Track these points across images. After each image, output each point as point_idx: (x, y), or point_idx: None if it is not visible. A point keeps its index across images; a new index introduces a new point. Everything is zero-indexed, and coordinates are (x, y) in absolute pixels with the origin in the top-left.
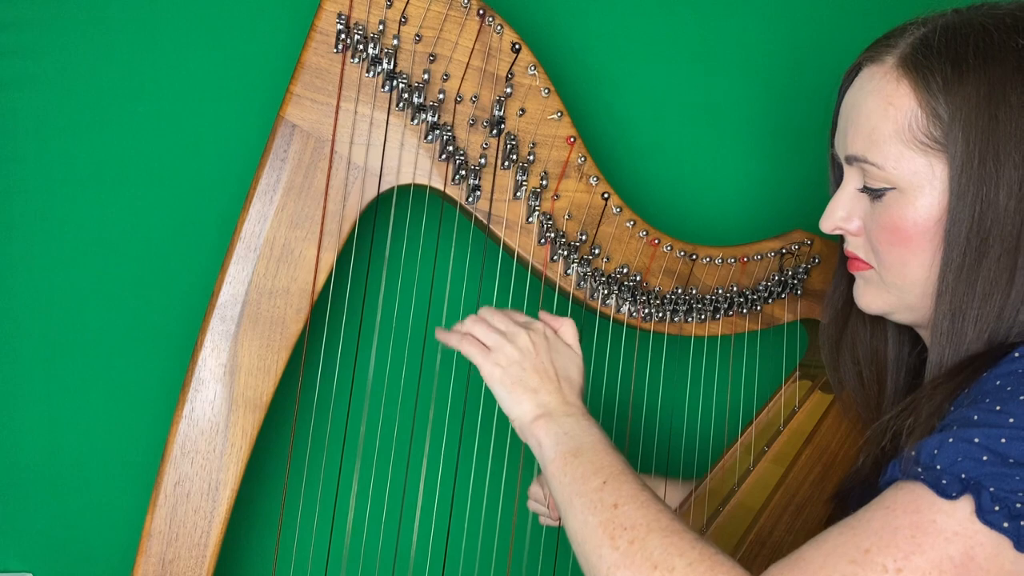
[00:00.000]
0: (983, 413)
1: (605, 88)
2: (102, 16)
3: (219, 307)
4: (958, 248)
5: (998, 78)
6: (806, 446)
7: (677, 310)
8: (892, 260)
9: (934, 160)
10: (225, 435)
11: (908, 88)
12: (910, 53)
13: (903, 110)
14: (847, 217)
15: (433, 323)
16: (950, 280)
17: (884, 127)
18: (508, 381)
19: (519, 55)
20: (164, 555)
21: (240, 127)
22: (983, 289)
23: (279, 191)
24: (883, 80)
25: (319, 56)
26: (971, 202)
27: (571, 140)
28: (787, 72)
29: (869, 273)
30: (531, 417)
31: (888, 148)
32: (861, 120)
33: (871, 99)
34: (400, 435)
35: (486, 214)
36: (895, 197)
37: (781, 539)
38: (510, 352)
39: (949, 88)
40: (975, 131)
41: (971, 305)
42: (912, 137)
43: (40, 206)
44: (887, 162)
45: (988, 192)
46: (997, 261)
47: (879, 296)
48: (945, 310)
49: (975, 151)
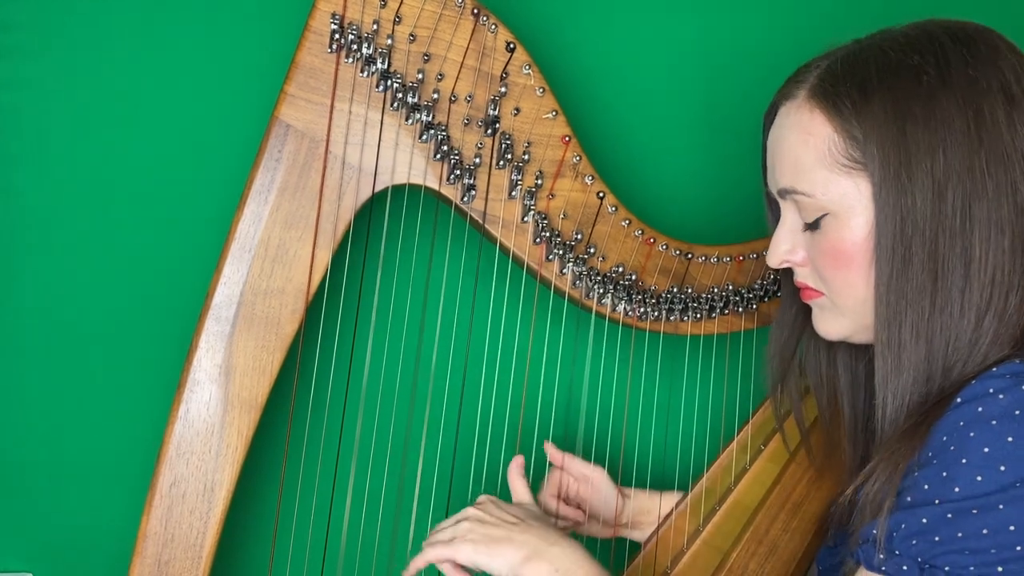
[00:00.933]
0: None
1: (600, 87)
2: (100, 17)
3: (214, 307)
4: (885, 258)
5: (901, 93)
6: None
7: (673, 309)
8: (839, 284)
9: (858, 180)
10: (221, 436)
11: (822, 117)
12: (818, 84)
13: (821, 137)
14: (791, 250)
15: (429, 323)
16: (882, 291)
17: (806, 157)
18: (482, 546)
19: (514, 54)
20: (160, 556)
21: (234, 127)
22: (912, 295)
23: (274, 191)
24: (798, 114)
25: (313, 56)
26: (892, 213)
27: (566, 139)
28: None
29: (822, 300)
30: (519, 560)
31: (814, 176)
32: (785, 154)
33: (790, 134)
34: (396, 435)
35: (481, 213)
36: (830, 222)
37: (777, 537)
38: (465, 526)
39: (858, 109)
40: (887, 145)
41: (904, 312)
42: (834, 161)
43: (37, 206)
44: (815, 189)
45: (906, 201)
46: (921, 265)
47: (836, 321)
48: (882, 320)
49: (890, 164)
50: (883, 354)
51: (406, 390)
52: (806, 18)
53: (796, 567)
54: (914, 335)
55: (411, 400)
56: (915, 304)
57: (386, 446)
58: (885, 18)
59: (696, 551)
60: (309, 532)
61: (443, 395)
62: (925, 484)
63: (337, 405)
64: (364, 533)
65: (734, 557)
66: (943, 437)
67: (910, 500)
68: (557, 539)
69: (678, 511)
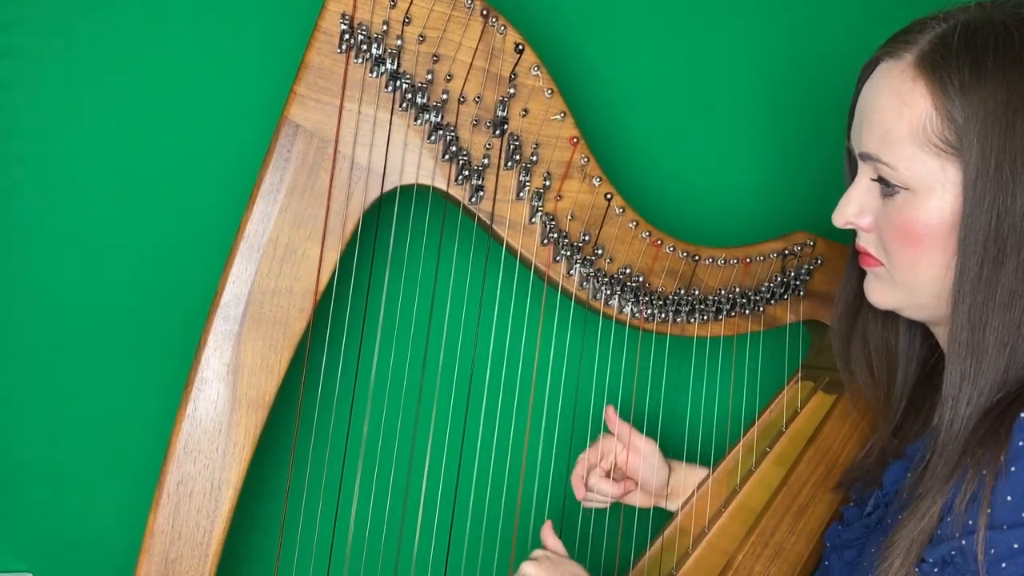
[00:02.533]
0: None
1: (608, 89)
2: (103, 16)
3: (222, 306)
4: (975, 256)
5: (1016, 83)
6: (808, 447)
7: (679, 311)
8: (902, 260)
9: (947, 164)
10: (228, 434)
11: (924, 89)
12: (928, 52)
13: (918, 111)
14: (859, 212)
15: (436, 323)
16: (967, 290)
17: (898, 127)
18: None
19: (522, 56)
20: (167, 554)
21: (244, 127)
22: (1002, 299)
23: (282, 191)
24: (899, 78)
25: (323, 56)
26: (987, 209)
27: (574, 141)
28: (791, 74)
29: (880, 270)
30: None
31: (901, 149)
32: (876, 118)
33: (886, 97)
34: (403, 434)
35: (489, 214)
36: (907, 197)
37: (783, 540)
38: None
39: (966, 92)
40: (991, 137)
41: (991, 316)
42: (926, 139)
43: (41, 206)
44: (899, 163)
45: (1005, 200)
46: (1015, 271)
47: (889, 293)
48: (963, 321)
49: (991, 158)
50: (961, 355)
51: (413, 390)
52: (815, 22)
53: (802, 569)
54: (999, 342)
55: (418, 399)
56: (1003, 309)
57: (393, 445)
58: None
59: (701, 553)
60: (316, 530)
61: (450, 394)
62: (1008, 495)
63: (344, 404)
64: (370, 532)
65: (740, 559)
66: (1020, 442)
67: (992, 513)
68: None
69: (683, 512)
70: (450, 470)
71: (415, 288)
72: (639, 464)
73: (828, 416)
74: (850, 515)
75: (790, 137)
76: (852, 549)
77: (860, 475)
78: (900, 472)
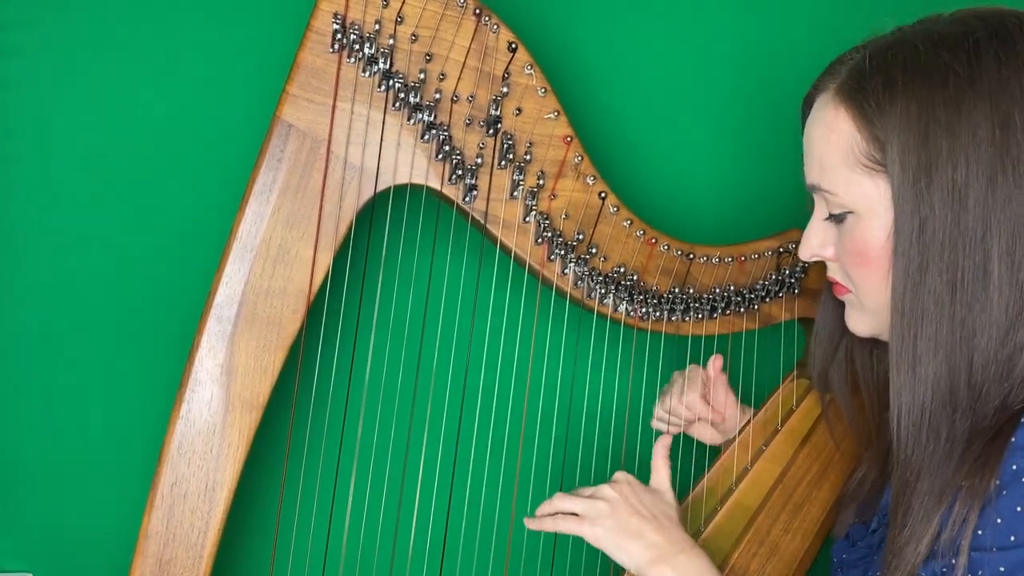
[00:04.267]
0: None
1: (602, 87)
2: (100, 17)
3: (215, 307)
4: (902, 267)
5: (926, 96)
6: (803, 445)
7: (674, 309)
8: (862, 283)
9: (879, 182)
10: (222, 435)
11: (846, 114)
12: (846, 79)
13: (844, 136)
14: (822, 244)
15: (430, 323)
16: (897, 300)
17: (830, 155)
18: (611, 535)
19: (515, 54)
20: (161, 555)
21: (236, 127)
22: (930, 307)
23: (275, 191)
24: (825, 109)
25: (315, 56)
26: (909, 220)
27: (568, 139)
28: (784, 71)
29: (850, 297)
30: (645, 561)
31: (837, 174)
32: (813, 149)
33: (818, 129)
34: (397, 435)
35: (483, 213)
36: (854, 221)
37: (779, 538)
38: (601, 508)
39: (882, 110)
40: (908, 150)
41: (922, 325)
42: (856, 161)
43: (38, 206)
44: (838, 187)
45: (924, 209)
46: (939, 276)
47: (863, 320)
48: (898, 332)
49: (909, 169)
50: (897, 365)
51: (407, 389)
52: (808, 19)
53: (798, 568)
54: (931, 348)
55: (412, 399)
56: (932, 316)
57: (387, 445)
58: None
59: None
60: (310, 531)
61: (444, 394)
62: (997, 518)
63: (338, 405)
64: (365, 532)
65: (735, 558)
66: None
67: (982, 535)
68: (685, 546)
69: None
70: (445, 469)
71: (409, 288)
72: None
73: (823, 413)
74: (855, 533)
75: (784, 135)
76: (857, 569)
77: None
78: None
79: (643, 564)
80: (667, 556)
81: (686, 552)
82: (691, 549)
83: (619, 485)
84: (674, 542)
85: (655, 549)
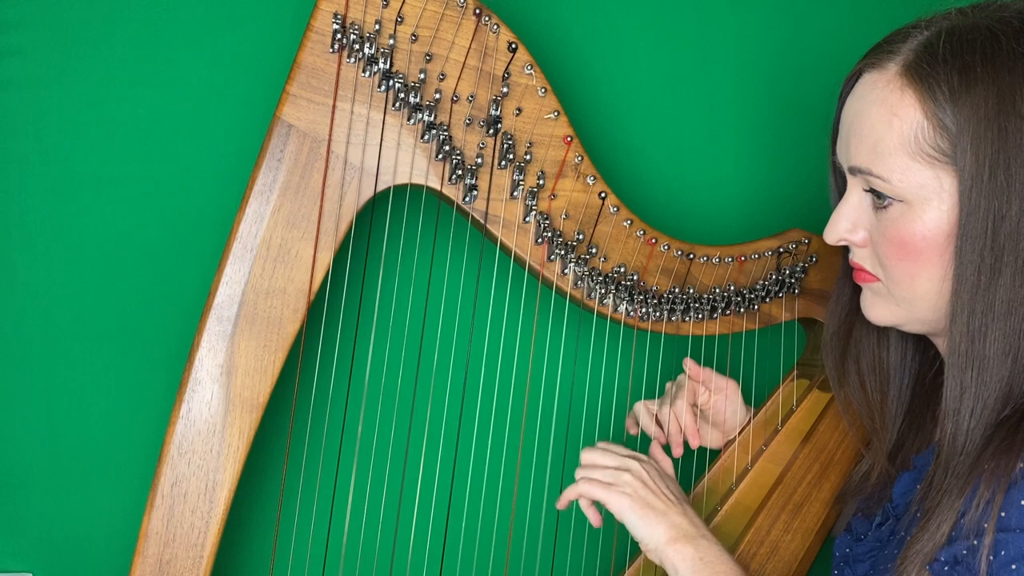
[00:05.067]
0: None
1: (602, 87)
2: (100, 17)
3: (216, 307)
4: (972, 266)
5: (1007, 87)
6: (804, 445)
7: (674, 309)
8: (900, 274)
9: (941, 173)
10: (222, 436)
11: (913, 98)
12: (914, 60)
13: (908, 121)
14: (852, 228)
15: (430, 323)
16: (965, 300)
17: (888, 138)
18: (637, 507)
19: (515, 54)
20: (161, 556)
21: (236, 127)
22: (1001, 308)
23: (275, 191)
24: (886, 89)
25: (315, 56)
26: (983, 217)
27: (568, 139)
28: (785, 70)
29: (877, 285)
30: (665, 539)
31: (893, 161)
32: (864, 131)
33: (874, 109)
34: (397, 435)
35: (483, 214)
36: (901, 210)
37: (779, 538)
38: (629, 480)
39: (956, 98)
40: (984, 143)
41: (990, 326)
42: (918, 149)
43: (38, 206)
44: (893, 175)
45: (1000, 207)
46: (1012, 278)
47: (888, 309)
48: (963, 332)
49: (985, 164)
50: (962, 367)
51: (407, 389)
52: (809, 19)
53: (798, 568)
54: (999, 352)
55: (412, 399)
56: (1003, 318)
57: (387, 445)
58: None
59: None
60: (310, 531)
61: (444, 394)
62: (1022, 499)
63: (339, 404)
64: (365, 532)
65: (735, 557)
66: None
67: (1005, 516)
68: (706, 531)
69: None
70: (445, 469)
71: (409, 288)
72: (722, 404)
73: (824, 413)
74: (858, 527)
75: (785, 135)
76: (864, 563)
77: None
78: (909, 484)
79: (664, 541)
80: (689, 537)
81: (707, 538)
82: (711, 536)
83: (647, 465)
84: (697, 526)
85: (678, 529)
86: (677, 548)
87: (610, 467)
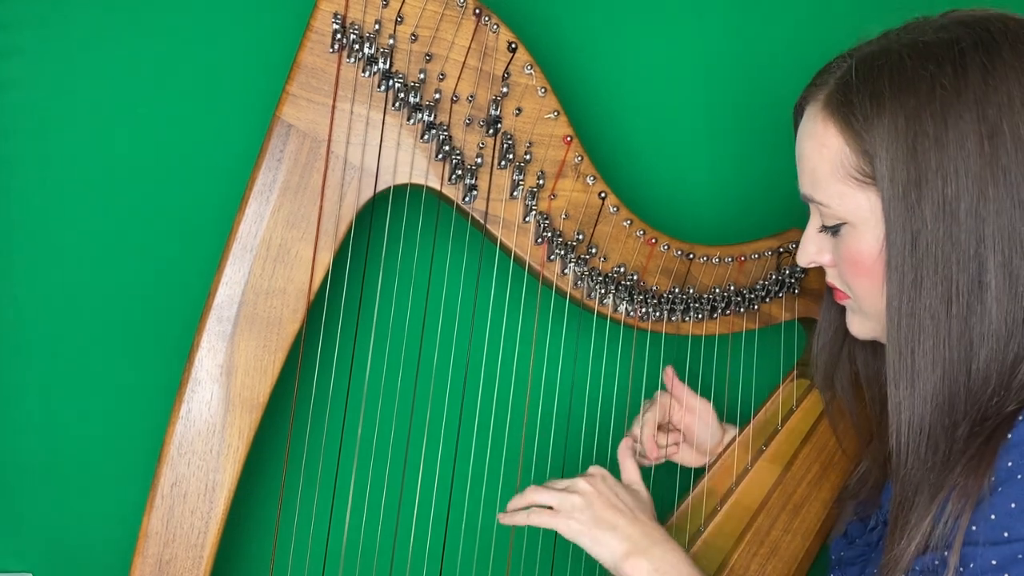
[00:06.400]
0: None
1: (602, 87)
2: (100, 17)
3: (215, 307)
4: (895, 280)
5: (913, 108)
6: (804, 445)
7: (674, 309)
8: (862, 291)
9: (871, 194)
10: (222, 436)
11: (835, 129)
12: (833, 91)
13: (834, 150)
14: (818, 251)
15: (430, 323)
16: (893, 314)
17: (821, 168)
18: (587, 528)
19: (515, 54)
20: (161, 556)
21: (236, 127)
22: (926, 322)
23: (275, 191)
24: (814, 122)
25: (315, 56)
26: (901, 233)
27: (568, 139)
28: (783, 71)
29: (850, 302)
30: (620, 554)
31: (829, 187)
32: (804, 162)
33: (808, 141)
34: (397, 435)
35: (483, 213)
36: (849, 231)
37: (778, 538)
38: (575, 501)
39: (870, 124)
40: (897, 163)
41: (919, 340)
42: (846, 175)
43: (37, 206)
44: (832, 200)
45: (916, 223)
46: (933, 292)
47: (865, 324)
48: (894, 347)
49: (899, 183)
50: (895, 380)
51: (407, 389)
52: (808, 20)
53: (797, 568)
54: (930, 364)
55: (412, 400)
56: (929, 331)
57: (387, 445)
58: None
59: (697, 552)
60: (310, 532)
61: (444, 395)
62: (991, 514)
63: (338, 405)
64: (365, 532)
65: (735, 558)
66: (1008, 463)
67: (975, 530)
68: (660, 538)
69: (678, 512)
70: (445, 469)
71: (409, 288)
72: (694, 423)
73: (824, 413)
74: (853, 531)
75: (784, 136)
76: (855, 567)
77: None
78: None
79: (619, 556)
80: (642, 548)
81: (660, 544)
82: (666, 542)
83: (593, 479)
84: (648, 534)
85: (630, 542)
86: (632, 563)
87: (556, 490)
